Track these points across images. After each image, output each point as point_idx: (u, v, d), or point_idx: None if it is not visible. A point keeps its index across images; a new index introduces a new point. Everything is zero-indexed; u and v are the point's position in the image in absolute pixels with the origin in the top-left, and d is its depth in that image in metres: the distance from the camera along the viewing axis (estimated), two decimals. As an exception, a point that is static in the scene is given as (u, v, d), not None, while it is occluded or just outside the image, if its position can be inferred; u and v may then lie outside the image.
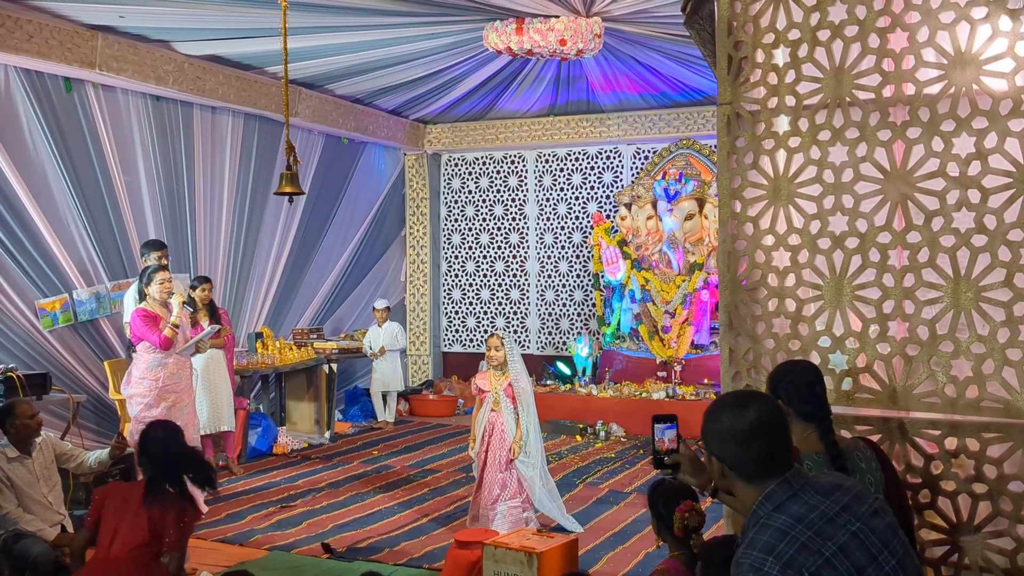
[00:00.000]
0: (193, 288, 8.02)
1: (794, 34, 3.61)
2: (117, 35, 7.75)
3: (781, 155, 3.66)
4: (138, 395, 6.45)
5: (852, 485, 2.21)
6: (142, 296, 6.49)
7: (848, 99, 3.50)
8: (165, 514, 4.08)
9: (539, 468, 6.08)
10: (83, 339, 8.04)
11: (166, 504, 4.11)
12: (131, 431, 6.51)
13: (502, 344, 6.04)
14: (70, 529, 5.75)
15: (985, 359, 3.28)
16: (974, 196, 3.30)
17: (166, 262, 7.38)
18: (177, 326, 6.30)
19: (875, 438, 3.43)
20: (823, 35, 3.55)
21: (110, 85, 8.11)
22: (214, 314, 7.84)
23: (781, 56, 3.65)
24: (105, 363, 7.98)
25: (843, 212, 3.54)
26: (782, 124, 3.67)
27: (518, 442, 5.96)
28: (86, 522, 4.26)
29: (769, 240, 3.70)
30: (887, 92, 3.44)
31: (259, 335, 9.54)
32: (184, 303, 6.32)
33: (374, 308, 10.87)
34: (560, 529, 6.04)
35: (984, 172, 3.28)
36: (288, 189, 6.01)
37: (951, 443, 3.36)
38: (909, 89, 3.42)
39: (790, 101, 3.63)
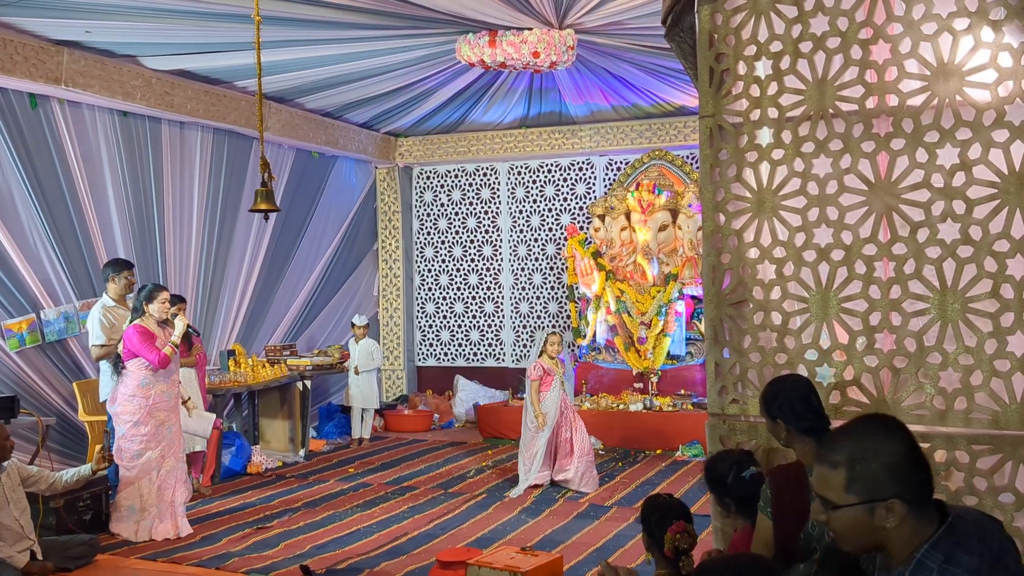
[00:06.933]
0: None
1: (776, 46, 3.59)
2: (83, 50, 7.62)
3: (764, 167, 3.63)
4: (126, 413, 6.46)
5: (994, 530, 2.05)
6: (139, 312, 6.49)
7: (831, 111, 3.48)
8: None
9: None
10: (51, 360, 7.87)
11: None
12: (117, 448, 6.46)
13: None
14: (40, 555, 5.64)
15: (973, 370, 3.26)
16: (959, 207, 3.29)
17: (134, 280, 7.31)
18: (178, 345, 6.36)
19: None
20: (805, 47, 3.53)
21: (76, 101, 7.96)
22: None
23: (763, 68, 3.63)
24: (74, 384, 7.83)
25: (828, 224, 3.51)
26: (765, 136, 3.64)
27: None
28: None
29: (754, 253, 3.67)
30: (870, 103, 3.43)
31: (231, 353, 9.40)
32: (189, 325, 6.39)
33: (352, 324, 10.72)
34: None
35: (968, 183, 3.27)
36: (264, 206, 5.94)
37: (940, 456, 3.34)
38: (892, 100, 3.41)
39: (773, 113, 3.61)
